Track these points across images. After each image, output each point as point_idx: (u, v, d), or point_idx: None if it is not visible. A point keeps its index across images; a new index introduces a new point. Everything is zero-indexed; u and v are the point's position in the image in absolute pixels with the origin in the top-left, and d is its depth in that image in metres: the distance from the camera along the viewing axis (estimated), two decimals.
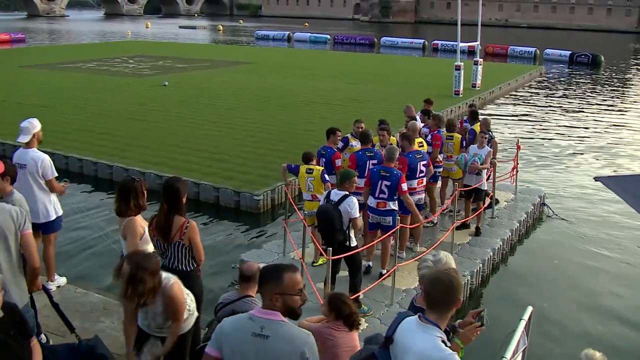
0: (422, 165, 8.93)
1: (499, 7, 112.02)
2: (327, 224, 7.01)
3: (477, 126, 11.25)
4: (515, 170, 12.25)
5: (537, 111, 25.39)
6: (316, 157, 8.77)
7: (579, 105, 27.33)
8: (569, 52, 47.78)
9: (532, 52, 51.01)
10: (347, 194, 7.08)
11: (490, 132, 10.96)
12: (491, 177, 10.81)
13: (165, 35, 71.65)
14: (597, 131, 21.71)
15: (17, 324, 3.88)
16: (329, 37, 65.82)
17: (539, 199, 12.15)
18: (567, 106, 26.84)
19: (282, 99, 23.55)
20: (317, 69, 34.63)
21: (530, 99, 28.88)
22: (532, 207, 11.66)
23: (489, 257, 9.41)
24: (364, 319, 6.82)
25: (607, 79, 37.92)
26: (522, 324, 4.67)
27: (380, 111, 19.32)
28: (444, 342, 3.11)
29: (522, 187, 12.51)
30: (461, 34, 25.08)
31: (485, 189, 10.32)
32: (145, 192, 5.48)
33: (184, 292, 4.62)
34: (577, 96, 30.12)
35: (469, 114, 12.29)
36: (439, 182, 11.04)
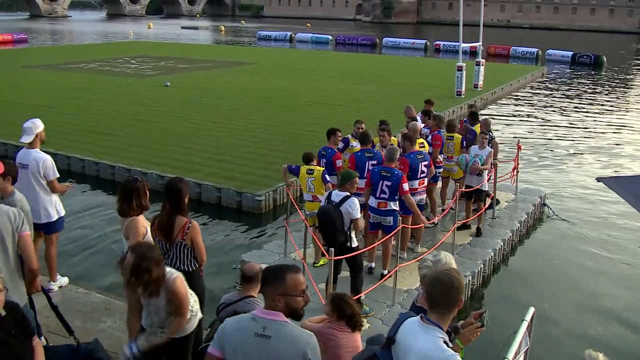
0: (424, 165, 8.93)
1: (501, 8, 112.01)
2: (328, 225, 7.01)
3: (477, 127, 11.25)
4: (515, 170, 12.24)
5: (539, 112, 25.37)
6: (317, 157, 8.78)
7: (581, 105, 27.30)
8: (571, 53, 47.72)
9: (534, 52, 50.96)
10: (348, 194, 7.08)
11: (490, 133, 10.95)
12: (492, 178, 10.81)
13: (167, 35, 71.74)
14: (599, 132, 21.69)
15: (18, 323, 3.88)
16: (331, 37, 65.83)
17: (539, 200, 12.14)
18: (568, 107, 26.82)
19: (284, 100, 23.56)
20: (319, 70, 34.64)
21: (532, 99, 28.86)
22: (532, 207, 11.66)
23: (490, 257, 9.41)
24: (365, 320, 6.81)
25: (609, 80, 37.88)
26: (525, 324, 4.66)
27: (382, 112, 19.32)
28: (445, 342, 3.11)
29: (522, 188, 12.50)
30: (463, 35, 25.08)
31: (486, 189, 10.32)
32: (147, 192, 5.48)
33: (187, 288, 4.60)
34: (579, 97, 30.09)
35: (468, 115, 12.28)
36: (439, 183, 11.04)
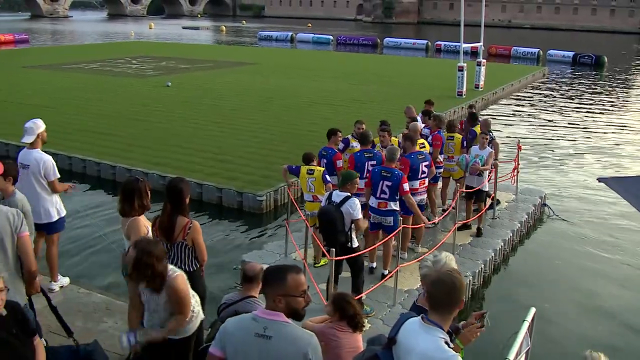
0: (424, 166, 8.93)
1: (502, 8, 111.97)
2: (329, 225, 7.02)
3: (477, 128, 11.24)
4: (516, 170, 12.24)
5: (540, 112, 25.36)
6: (317, 157, 8.79)
7: (582, 106, 27.28)
8: (572, 53, 47.68)
9: (535, 53, 50.94)
10: (349, 195, 7.09)
11: (491, 133, 10.95)
12: (492, 178, 10.80)
13: (168, 35, 71.77)
14: (600, 132, 21.68)
15: (19, 322, 3.88)
16: (331, 37, 65.80)
17: (539, 200, 12.14)
18: (569, 107, 26.80)
19: (285, 100, 23.57)
20: (320, 70, 34.64)
21: (533, 100, 28.84)
22: (533, 207, 11.66)
23: (491, 257, 9.41)
24: (366, 320, 6.81)
25: (610, 80, 37.85)
26: (526, 325, 4.66)
27: (383, 112, 19.32)
28: (447, 343, 3.11)
29: (522, 188, 12.51)
30: (464, 35, 25.07)
31: (486, 190, 10.32)
32: (149, 192, 5.48)
33: (189, 287, 4.59)
34: (580, 97, 30.08)
35: (467, 116, 12.24)
36: (440, 183, 11.03)
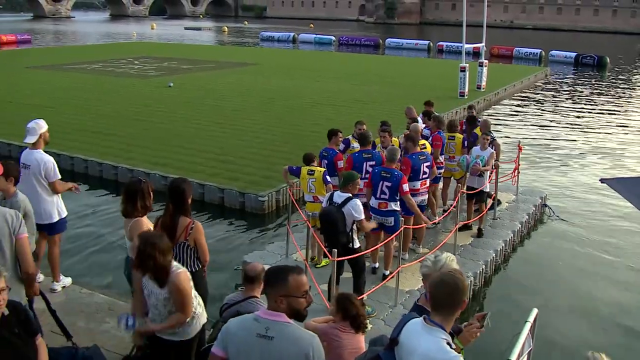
0: (426, 166, 8.93)
1: (504, 9, 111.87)
2: (331, 226, 7.02)
3: (477, 130, 11.23)
4: (516, 171, 12.23)
5: (542, 113, 25.34)
6: (318, 158, 8.80)
7: (584, 106, 27.24)
8: (574, 54, 47.57)
9: (537, 53, 50.88)
10: (350, 196, 7.09)
11: (491, 134, 10.93)
12: (493, 179, 10.78)
13: (170, 36, 71.84)
14: (602, 133, 21.64)
15: (21, 322, 3.88)
16: (334, 38, 65.78)
17: (540, 200, 12.14)
18: (572, 108, 26.77)
19: (288, 101, 23.57)
20: (322, 71, 34.64)
21: (535, 100, 28.82)
22: (533, 208, 11.66)
23: (492, 258, 9.40)
24: (368, 321, 6.81)
25: (612, 81, 37.81)
26: (528, 325, 4.65)
27: (385, 112, 19.31)
28: (449, 344, 3.11)
29: (523, 188, 12.50)
30: (466, 36, 25.06)
31: (487, 190, 10.31)
32: (151, 193, 5.48)
33: (191, 285, 4.58)
34: (582, 98, 30.04)
35: (467, 118, 12.19)
36: (441, 183, 11.02)
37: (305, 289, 3.30)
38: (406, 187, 8.08)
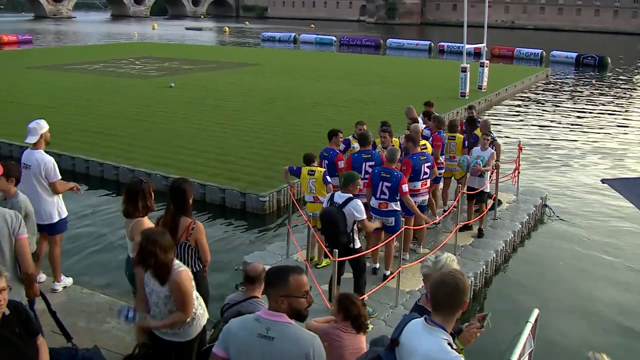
0: (426, 167, 8.92)
1: (505, 9, 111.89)
2: (332, 227, 7.02)
3: (477, 131, 11.22)
4: (517, 171, 12.22)
5: (543, 113, 25.32)
6: (318, 158, 8.80)
7: (585, 107, 27.22)
8: (575, 54, 47.55)
9: (538, 53, 50.86)
10: (351, 196, 7.09)
11: (491, 134, 10.92)
12: (494, 179, 10.78)
13: (171, 36, 71.87)
14: (603, 133, 21.62)
15: (22, 322, 3.88)
16: (334, 38, 65.78)
17: (540, 201, 12.13)
18: (573, 108, 26.75)
19: (288, 101, 23.58)
20: (323, 71, 34.64)
21: (536, 101, 28.80)
22: (533, 208, 11.66)
23: (492, 258, 9.40)
24: (368, 321, 6.81)
25: (613, 81, 37.79)
26: (529, 326, 4.65)
27: (386, 113, 19.31)
28: (450, 344, 3.11)
29: (523, 189, 12.50)
30: (467, 36, 25.05)
31: (488, 191, 10.31)
32: (152, 193, 5.49)
33: (193, 284, 4.58)
34: (583, 98, 30.03)
35: (467, 119, 12.17)
36: (441, 184, 11.02)
37: (306, 289, 3.30)
38: (405, 187, 8.07)
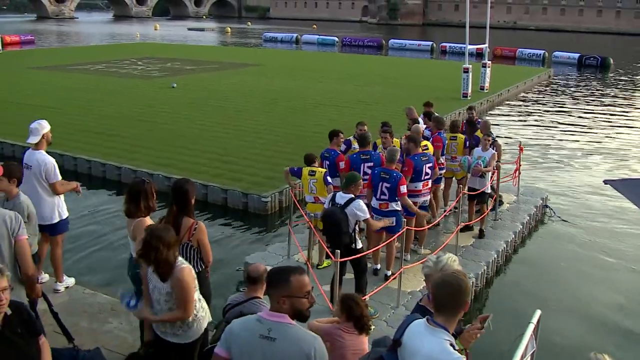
0: (428, 167, 8.92)
1: (508, 10, 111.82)
2: (334, 227, 7.02)
3: (478, 132, 11.21)
4: (517, 172, 12.21)
5: (545, 114, 25.30)
6: (319, 159, 8.80)
7: (588, 107, 27.20)
8: (577, 55, 47.53)
9: (540, 54, 50.84)
10: (353, 197, 7.10)
11: (492, 134, 10.91)
12: (495, 180, 10.76)
13: (173, 37, 71.91)
14: (606, 134, 21.60)
15: (24, 322, 3.88)
16: (337, 39, 65.81)
17: (541, 201, 12.12)
18: (575, 109, 26.72)
19: (290, 101, 23.59)
20: (325, 71, 34.64)
21: (538, 101, 28.78)
22: (534, 209, 11.65)
23: (493, 259, 9.39)
24: (370, 322, 6.81)
25: (615, 82, 37.75)
26: (531, 327, 4.63)
27: (388, 113, 19.29)
28: (452, 345, 3.11)
29: (524, 189, 12.49)
30: (469, 37, 25.01)
31: (489, 192, 10.30)
32: (154, 193, 5.49)
33: (194, 282, 4.57)
34: (585, 99, 29.99)
35: (466, 121, 12.13)
36: (442, 184, 11.01)
37: (307, 290, 3.31)
38: (404, 188, 8.05)
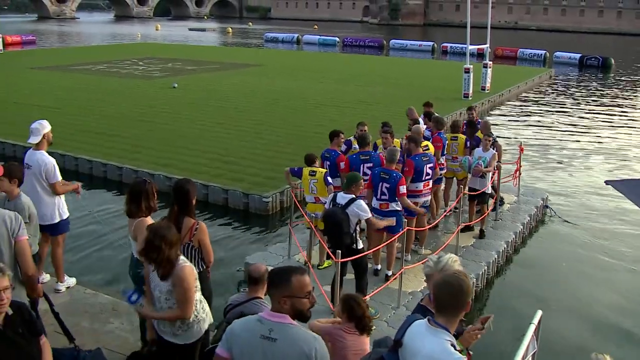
0: (429, 167, 8.91)
1: (509, 10, 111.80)
2: (335, 227, 7.02)
3: (479, 133, 11.20)
4: (518, 172, 12.20)
5: (546, 114, 25.29)
6: (319, 159, 8.79)
7: (589, 108, 27.18)
8: (578, 55, 47.49)
9: (541, 54, 50.82)
10: (354, 197, 7.10)
11: (492, 135, 10.90)
12: (495, 180, 10.76)
13: (174, 37, 71.91)
14: (607, 134, 21.58)
15: (25, 322, 3.89)
16: (338, 39, 65.81)
17: (541, 202, 12.12)
18: (576, 109, 26.71)
19: (291, 102, 23.59)
20: (326, 72, 34.64)
21: (539, 101, 28.77)
22: (535, 209, 11.64)
23: (494, 259, 9.39)
24: (372, 322, 6.81)
25: (617, 82, 37.72)
26: (532, 327, 4.63)
27: (389, 114, 19.27)
28: (453, 345, 3.11)
29: (524, 189, 12.49)
30: (470, 37, 25.01)
31: (489, 192, 10.29)
32: (155, 193, 5.49)
33: (195, 282, 4.57)
34: (586, 99, 29.97)
35: (467, 122, 12.12)
36: (443, 184, 11.00)
37: (308, 290, 3.30)
38: (403, 189, 8.04)
